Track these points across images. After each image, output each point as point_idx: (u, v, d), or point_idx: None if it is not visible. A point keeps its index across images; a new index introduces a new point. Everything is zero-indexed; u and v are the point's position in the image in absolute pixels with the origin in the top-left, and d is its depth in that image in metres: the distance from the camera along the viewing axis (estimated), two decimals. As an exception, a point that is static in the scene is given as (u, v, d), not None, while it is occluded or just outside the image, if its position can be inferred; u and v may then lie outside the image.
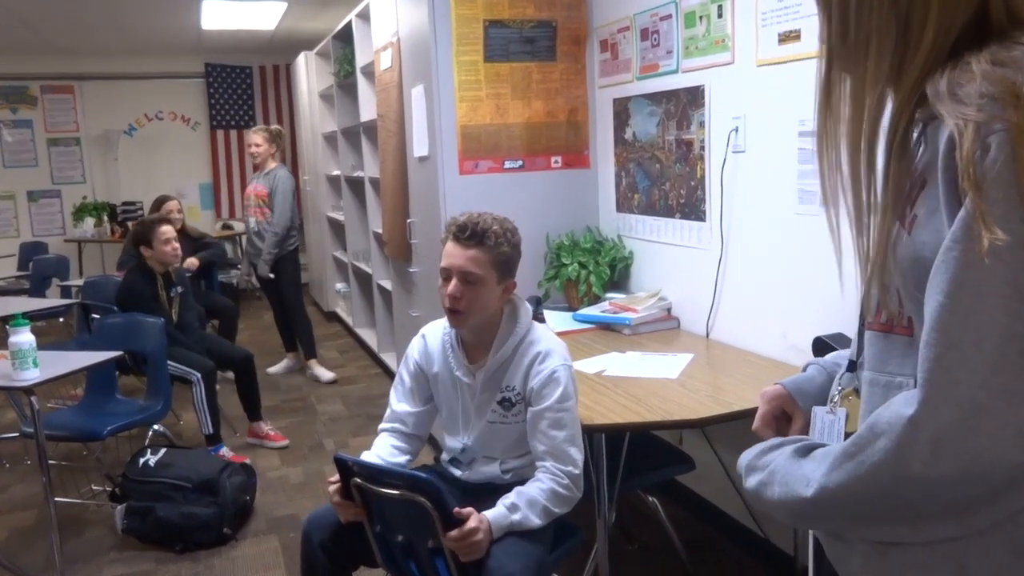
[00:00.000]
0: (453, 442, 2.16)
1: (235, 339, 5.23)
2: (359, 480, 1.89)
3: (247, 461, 3.76)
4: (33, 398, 2.90)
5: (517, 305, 2.08)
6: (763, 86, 2.53)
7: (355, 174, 5.95)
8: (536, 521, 1.90)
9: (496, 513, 1.87)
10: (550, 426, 1.95)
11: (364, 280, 6.12)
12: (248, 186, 5.34)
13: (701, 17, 2.78)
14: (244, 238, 5.41)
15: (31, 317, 3.03)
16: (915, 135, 0.83)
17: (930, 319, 0.73)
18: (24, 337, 2.88)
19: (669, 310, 3.09)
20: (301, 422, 4.53)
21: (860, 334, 0.98)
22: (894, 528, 0.82)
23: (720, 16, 2.69)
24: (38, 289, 5.68)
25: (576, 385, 2.03)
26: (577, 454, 1.95)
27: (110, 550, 3.12)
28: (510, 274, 2.04)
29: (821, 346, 2.04)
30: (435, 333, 2.17)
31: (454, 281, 1.97)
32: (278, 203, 5.04)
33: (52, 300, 4.89)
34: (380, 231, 5.00)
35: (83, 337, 4.51)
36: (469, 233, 1.97)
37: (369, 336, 5.97)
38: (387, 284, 5.03)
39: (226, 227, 8.65)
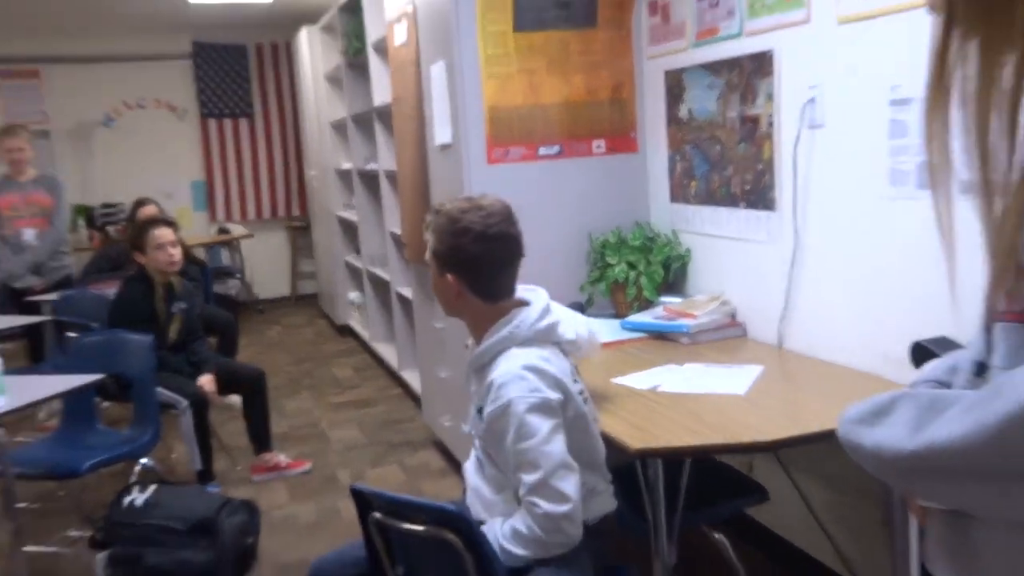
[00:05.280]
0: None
1: (235, 358, 5.32)
2: (379, 515, 1.91)
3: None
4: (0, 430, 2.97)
5: (520, 318, 2.06)
6: (846, 47, 2.51)
7: (369, 167, 6.02)
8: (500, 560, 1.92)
9: (495, 526, 1.96)
10: (516, 469, 1.95)
11: (381, 288, 6.18)
12: (7, 194, 5.39)
13: (767, -29, 2.78)
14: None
15: (-2, 336, 3.10)
16: None
17: None
18: (-12, 360, 2.95)
19: (733, 315, 3.08)
20: (311, 452, 4.58)
21: (988, 330, 0.98)
22: None
23: (789, -31, 2.68)
24: (5, 304, 5.80)
25: (555, 419, 1.94)
26: (559, 492, 1.89)
27: (92, 604, 3.18)
28: (449, 268, 2.06)
29: (922, 353, 2.01)
30: None
31: None
32: (63, 212, 5.46)
33: (20, 317, 4.97)
34: (398, 231, 5.05)
35: (57, 359, 4.60)
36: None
37: (388, 352, 6.03)
38: (407, 292, 5.07)
39: (222, 231, 8.79)
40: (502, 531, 1.95)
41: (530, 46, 3.39)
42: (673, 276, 3.37)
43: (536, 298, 2.10)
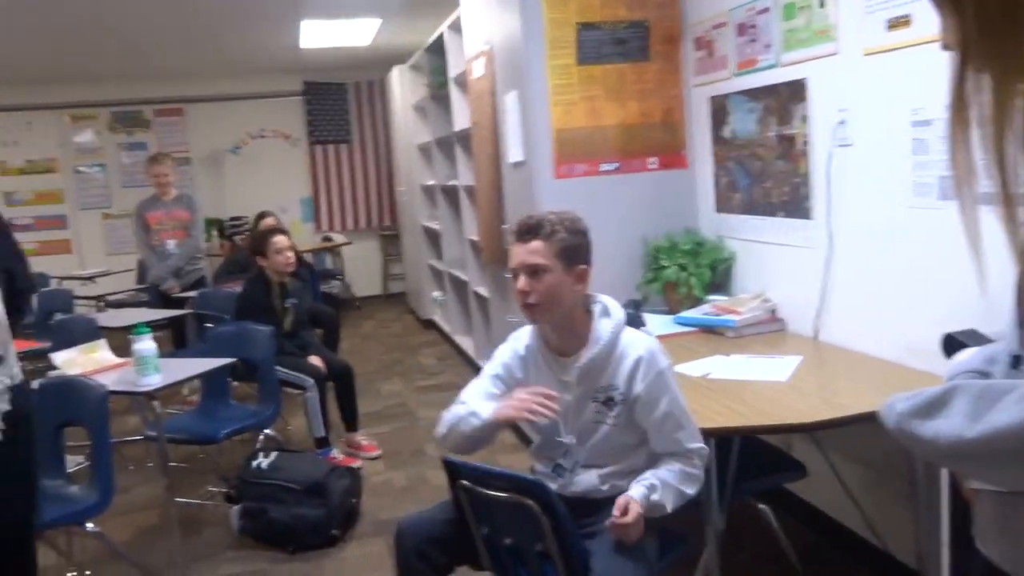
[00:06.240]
0: (552, 449, 2.11)
1: (337, 348, 5.35)
2: (466, 482, 1.89)
3: (356, 464, 3.86)
4: (156, 402, 3.04)
5: (607, 304, 2.05)
6: (871, 76, 2.42)
7: (449, 183, 6.02)
8: (669, 506, 1.90)
9: (639, 493, 1.88)
10: (673, 429, 1.96)
11: (460, 287, 6.17)
12: (154, 211, 5.50)
13: (801, 8, 2.69)
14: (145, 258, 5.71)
15: (151, 327, 3.18)
16: None
17: None
18: (146, 345, 3.02)
19: (774, 312, 2.99)
20: (402, 428, 4.60)
21: (1022, 325, 0.92)
22: None
23: (822, 6, 2.59)
24: (155, 301, 5.97)
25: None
26: (699, 437, 1.98)
27: (227, 549, 3.24)
28: (578, 260, 1.99)
29: (953, 344, 1.92)
30: (521, 340, 2.15)
31: (521, 277, 1.98)
32: (199, 225, 5.66)
33: (167, 312, 5.12)
34: (476, 238, 5.04)
35: (197, 346, 4.71)
36: (525, 229, 2.00)
37: (466, 343, 6.02)
38: (483, 291, 5.05)
39: (326, 239, 8.90)
40: (674, 481, 1.92)
41: (591, 77, 3.35)
42: (719, 277, 3.29)
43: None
